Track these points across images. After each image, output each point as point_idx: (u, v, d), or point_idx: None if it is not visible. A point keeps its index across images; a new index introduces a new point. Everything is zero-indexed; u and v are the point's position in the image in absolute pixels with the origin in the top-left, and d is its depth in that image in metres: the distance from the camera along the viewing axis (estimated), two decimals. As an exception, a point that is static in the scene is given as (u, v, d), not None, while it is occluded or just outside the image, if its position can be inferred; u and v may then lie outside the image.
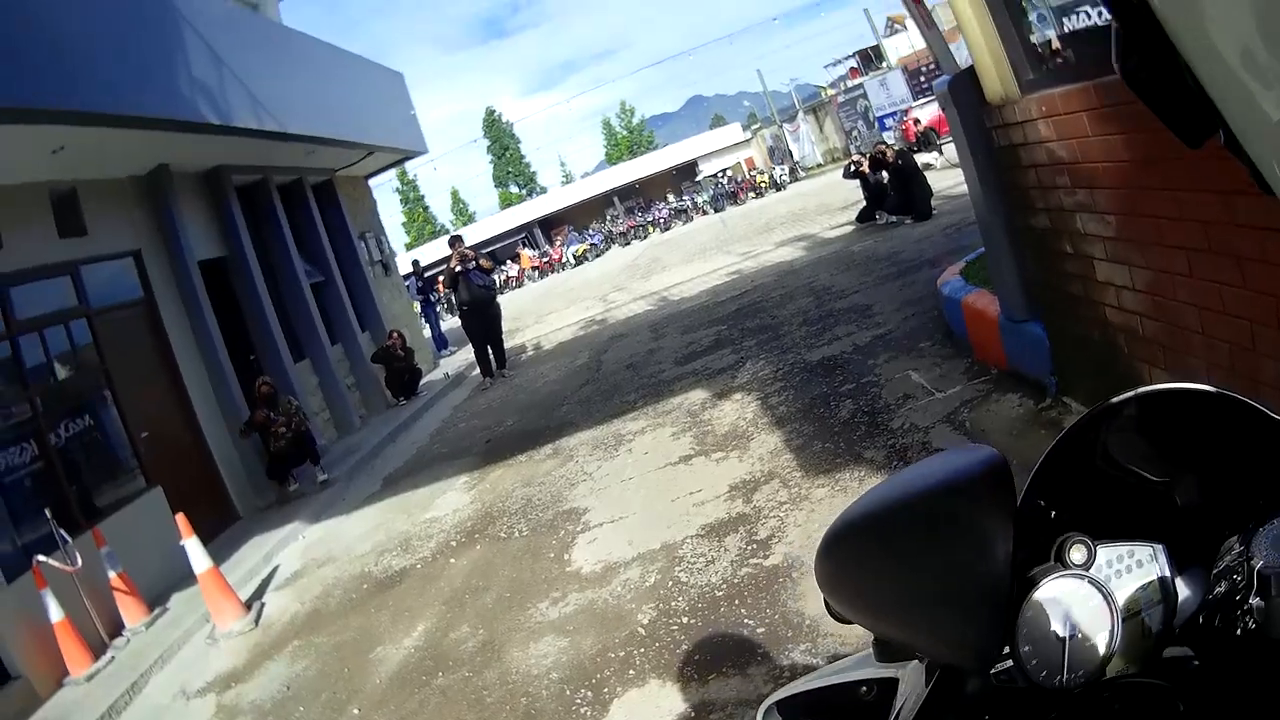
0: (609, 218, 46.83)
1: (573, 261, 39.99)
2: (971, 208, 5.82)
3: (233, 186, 12.29)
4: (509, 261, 44.35)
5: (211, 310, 10.74)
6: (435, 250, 47.29)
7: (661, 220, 40.04)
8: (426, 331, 19.60)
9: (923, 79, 33.84)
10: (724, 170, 48.51)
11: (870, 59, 45.37)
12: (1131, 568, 0.86)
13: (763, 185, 38.93)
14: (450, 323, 21.62)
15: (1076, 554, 0.82)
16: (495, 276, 24.32)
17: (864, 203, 15.53)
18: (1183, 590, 0.86)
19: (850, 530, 0.86)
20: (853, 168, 15.71)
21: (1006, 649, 0.81)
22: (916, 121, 27.75)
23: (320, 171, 15.14)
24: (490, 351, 13.26)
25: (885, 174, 14.61)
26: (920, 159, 18.88)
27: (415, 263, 22.60)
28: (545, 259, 42.36)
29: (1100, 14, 3.52)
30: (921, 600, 0.81)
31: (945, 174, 18.01)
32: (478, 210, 68.98)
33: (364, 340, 14.92)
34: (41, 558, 6.42)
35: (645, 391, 8.69)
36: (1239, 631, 0.72)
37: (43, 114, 7.21)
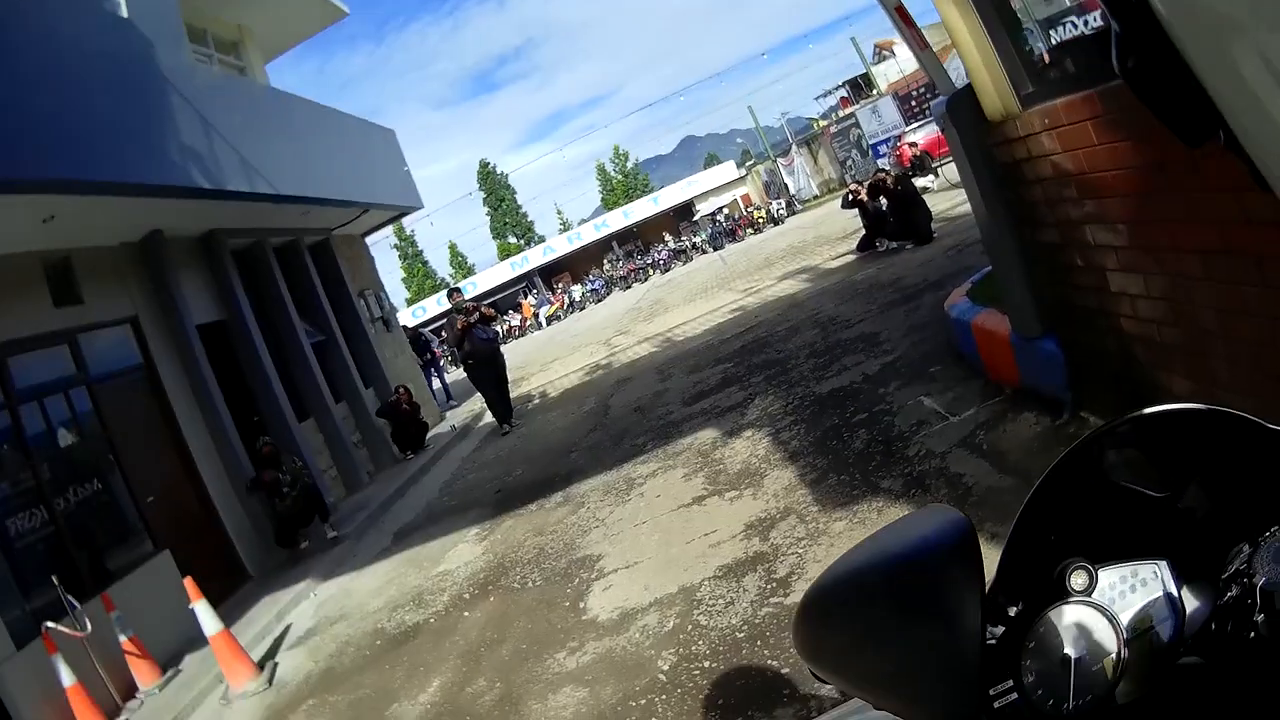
0: (608, 263, 46.90)
1: (544, 323, 40.06)
2: (972, 229, 5.75)
3: (228, 250, 12.38)
4: (511, 311, 44.45)
5: (212, 374, 10.77)
6: (435, 305, 47.80)
7: (661, 262, 40.27)
8: (435, 383, 19.55)
9: (914, 104, 33.99)
10: (721, 209, 48.50)
11: (860, 87, 45.50)
12: (1136, 587, 0.86)
13: (760, 221, 39.16)
14: (454, 375, 21.57)
15: (1078, 579, 0.83)
16: (497, 327, 24.16)
17: (864, 231, 15.48)
18: (1191, 601, 0.86)
19: (823, 599, 0.89)
20: (850, 197, 15.75)
21: (1010, 681, 0.81)
22: (913, 145, 27.62)
23: (316, 232, 15.25)
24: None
25: (884, 201, 14.56)
26: (917, 183, 18.89)
27: (404, 328, 22.43)
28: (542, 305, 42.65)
29: (1089, 23, 3.49)
30: (894, 672, 0.82)
31: (942, 196, 18.01)
32: (477, 262, 69.10)
33: (369, 397, 14.97)
34: (50, 624, 6.39)
35: (654, 434, 8.60)
36: (1248, 637, 0.72)
37: (29, 184, 7.26)
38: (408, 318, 50.00)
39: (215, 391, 10.70)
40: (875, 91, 41.70)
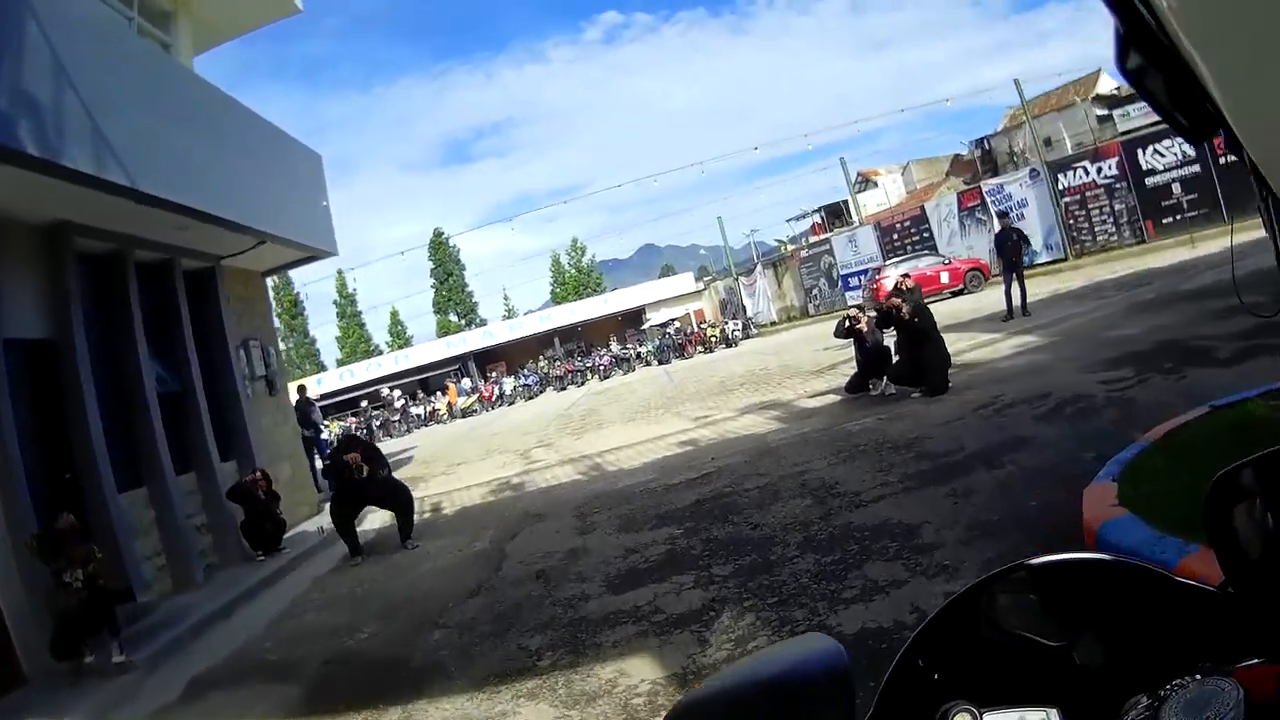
0: (545, 360, 44.69)
1: (460, 414, 38.06)
2: (1001, 382, 3.31)
3: (74, 252, 9.71)
4: (437, 393, 42.66)
5: (11, 408, 8.28)
6: (364, 371, 46.49)
7: (601, 368, 38.28)
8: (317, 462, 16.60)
9: (895, 237, 33.13)
10: (672, 321, 47.51)
11: (839, 213, 45.08)
12: None
13: (713, 340, 37.32)
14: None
15: None
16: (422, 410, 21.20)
17: (855, 367, 12.91)
18: None
19: (690, 714, 0.85)
20: (848, 324, 12.73)
21: None
22: (905, 275, 25.62)
23: (200, 256, 12.50)
24: (396, 520, 10.39)
25: (890, 333, 12.10)
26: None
27: (301, 387, 18.88)
28: (475, 394, 40.36)
29: None
30: None
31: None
32: (415, 335, 66.67)
33: (227, 472, 12.12)
34: None
35: (556, 636, 5.65)
36: None
37: None
38: (335, 379, 48.46)
39: (12, 431, 8.20)
40: (856, 220, 40.94)
